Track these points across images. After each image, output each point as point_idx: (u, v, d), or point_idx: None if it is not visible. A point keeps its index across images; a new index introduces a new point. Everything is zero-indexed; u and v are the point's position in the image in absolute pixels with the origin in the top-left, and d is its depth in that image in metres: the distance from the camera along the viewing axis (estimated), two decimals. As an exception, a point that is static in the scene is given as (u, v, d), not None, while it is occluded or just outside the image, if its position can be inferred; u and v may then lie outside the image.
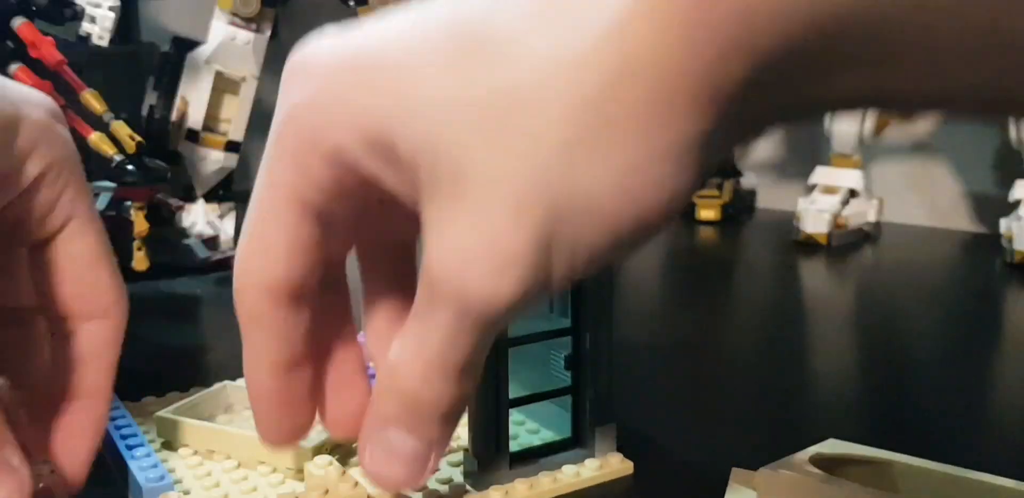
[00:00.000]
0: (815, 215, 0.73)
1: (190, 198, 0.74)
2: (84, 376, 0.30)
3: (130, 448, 0.33)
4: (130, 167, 0.57)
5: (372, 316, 0.27)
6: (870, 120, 0.74)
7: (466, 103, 0.20)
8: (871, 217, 0.77)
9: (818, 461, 0.29)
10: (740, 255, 0.77)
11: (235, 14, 0.72)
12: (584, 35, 0.19)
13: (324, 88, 0.22)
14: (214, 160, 0.74)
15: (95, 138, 0.55)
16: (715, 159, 0.21)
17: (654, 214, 0.20)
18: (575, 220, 0.20)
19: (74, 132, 0.57)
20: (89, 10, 0.60)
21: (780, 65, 0.18)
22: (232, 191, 0.77)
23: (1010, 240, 0.66)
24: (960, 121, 0.80)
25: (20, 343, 0.30)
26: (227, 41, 0.72)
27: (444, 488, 0.32)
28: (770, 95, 0.19)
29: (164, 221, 0.63)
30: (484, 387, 0.31)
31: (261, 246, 0.24)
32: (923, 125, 0.82)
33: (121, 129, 0.56)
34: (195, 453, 0.34)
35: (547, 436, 0.35)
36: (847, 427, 0.39)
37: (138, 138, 0.56)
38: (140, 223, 0.58)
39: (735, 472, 0.31)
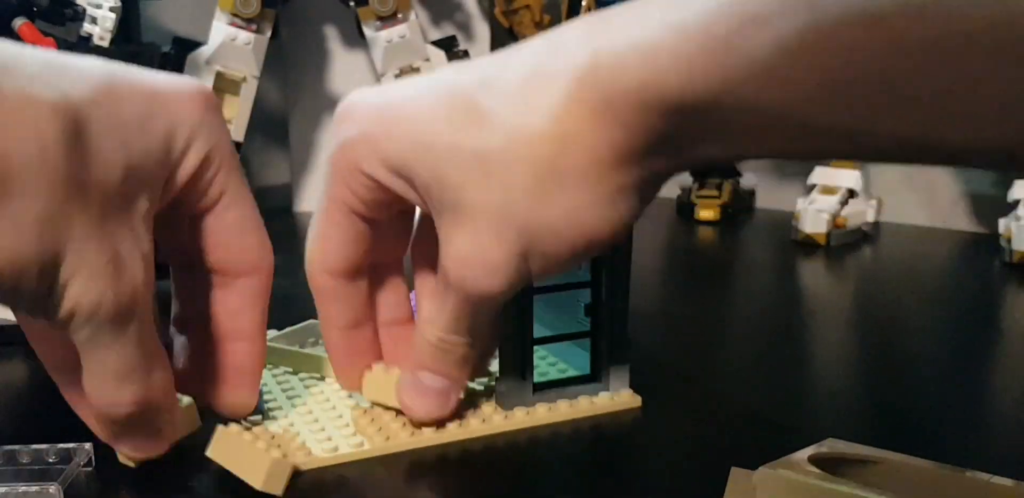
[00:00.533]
0: (814, 215, 0.73)
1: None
2: (242, 322, 0.35)
3: None
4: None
5: (418, 288, 0.38)
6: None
7: (461, 153, 0.29)
8: (870, 217, 0.78)
9: (817, 460, 0.29)
10: (739, 255, 0.77)
11: (236, 15, 0.72)
12: (541, 114, 0.28)
13: (364, 131, 0.32)
14: (215, 160, 0.74)
15: (97, 138, 0.55)
16: (647, 197, 0.30)
17: (599, 238, 0.30)
18: (542, 240, 0.29)
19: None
20: (90, 11, 0.60)
21: (664, 138, 0.27)
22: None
23: (1009, 240, 0.66)
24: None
25: (191, 287, 0.36)
26: (228, 41, 0.73)
27: (479, 408, 0.39)
28: (667, 155, 0.28)
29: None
30: (513, 327, 0.38)
31: (322, 241, 0.35)
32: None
33: (122, 129, 0.56)
34: (284, 372, 0.43)
35: (570, 372, 0.41)
36: (846, 426, 0.39)
37: (139, 138, 0.56)
38: (141, 223, 0.58)
39: (734, 471, 0.31)
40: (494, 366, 0.39)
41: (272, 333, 0.45)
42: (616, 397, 0.40)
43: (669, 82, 0.26)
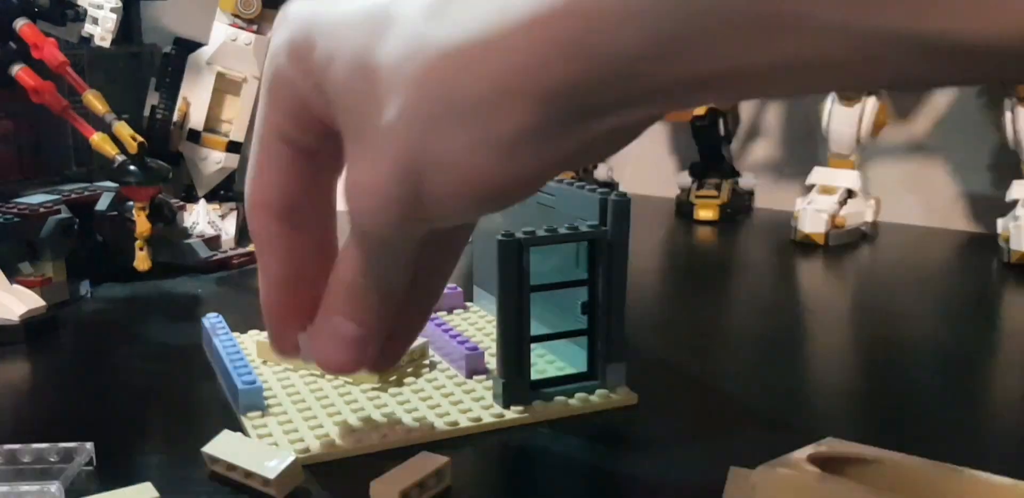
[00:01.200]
0: (813, 215, 0.73)
1: (191, 198, 0.75)
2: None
3: (232, 362, 0.41)
4: (132, 168, 0.57)
5: None
6: (867, 121, 0.74)
7: (365, 66, 0.25)
8: (868, 217, 0.78)
9: (816, 459, 0.29)
10: (738, 255, 0.77)
11: (236, 15, 0.72)
12: (448, 21, 0.23)
13: (292, 44, 0.27)
14: (215, 160, 0.74)
15: (97, 139, 0.56)
16: (554, 154, 0.25)
17: (495, 186, 0.25)
18: (433, 175, 0.25)
19: (76, 133, 0.58)
20: (91, 11, 0.60)
21: (604, 71, 0.22)
22: (233, 191, 0.77)
23: (1007, 240, 0.66)
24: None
25: None
26: (228, 42, 0.73)
27: (476, 405, 0.39)
28: (598, 93, 0.23)
29: (166, 221, 0.64)
30: (510, 324, 0.38)
31: (258, 173, 0.30)
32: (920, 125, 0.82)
33: (123, 130, 0.56)
34: (284, 369, 0.44)
35: (567, 370, 0.41)
36: (845, 426, 0.39)
37: (140, 139, 0.57)
38: (142, 223, 0.58)
39: (733, 471, 0.31)
40: (492, 364, 0.39)
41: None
42: (613, 395, 0.40)
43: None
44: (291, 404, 0.40)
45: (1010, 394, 0.44)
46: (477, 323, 0.51)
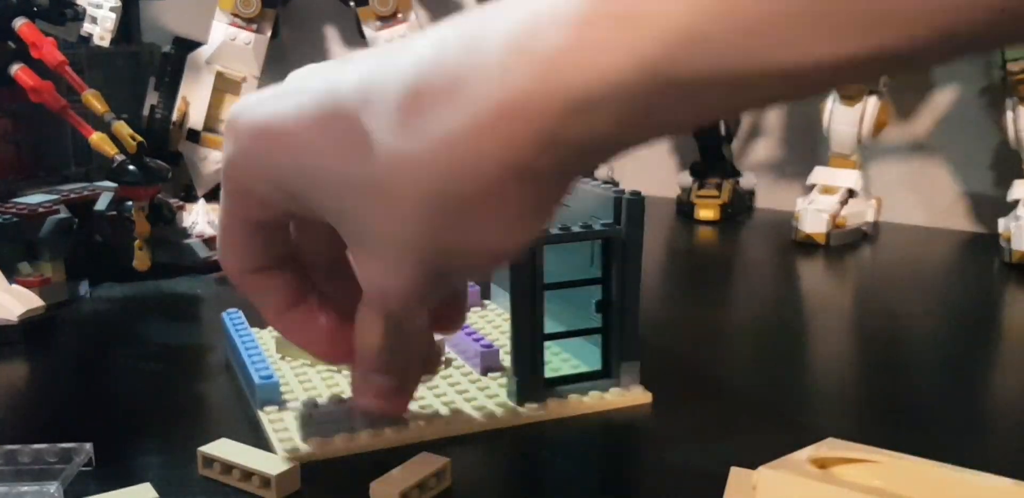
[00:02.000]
0: (814, 215, 0.73)
1: (191, 198, 0.75)
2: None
3: (250, 356, 0.42)
4: (131, 167, 0.57)
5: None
6: (868, 120, 0.74)
7: (351, 181, 0.27)
8: (869, 217, 0.78)
9: (817, 460, 0.29)
10: (739, 255, 0.77)
11: (236, 15, 0.72)
12: (420, 138, 0.25)
13: (245, 149, 0.30)
14: (215, 160, 0.74)
15: (96, 138, 0.55)
16: (555, 206, 0.27)
17: (511, 251, 0.28)
18: (451, 262, 0.28)
19: (75, 133, 0.57)
20: (90, 11, 0.60)
21: (581, 143, 0.24)
22: (233, 191, 0.77)
23: (1008, 240, 0.66)
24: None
25: None
26: (228, 42, 0.73)
27: (491, 402, 0.40)
28: (584, 162, 0.26)
29: (165, 221, 0.63)
30: (523, 322, 0.38)
31: (229, 248, 0.33)
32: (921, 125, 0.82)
33: (122, 129, 0.56)
34: (301, 364, 0.44)
35: (581, 368, 0.42)
36: (845, 426, 0.39)
37: (139, 138, 0.57)
38: (141, 223, 0.58)
39: (734, 471, 0.31)
40: (507, 361, 0.39)
41: None
42: (627, 393, 0.40)
43: (571, 79, 0.23)
44: (326, 389, 0.40)
45: (1010, 394, 0.44)
46: (494, 321, 0.51)
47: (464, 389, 0.41)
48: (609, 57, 0.22)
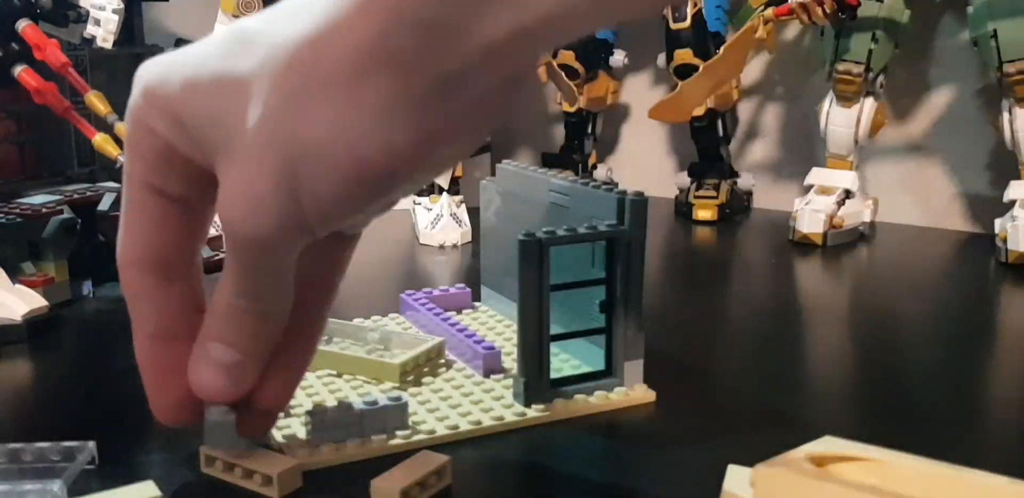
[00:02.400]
0: (811, 215, 0.73)
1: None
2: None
3: None
4: (134, 168, 0.57)
5: None
6: (865, 121, 0.75)
7: (225, 82, 0.26)
8: (866, 217, 0.78)
9: (814, 458, 0.29)
10: (736, 255, 0.78)
11: (237, 16, 0.72)
12: (304, 21, 0.24)
13: (146, 88, 0.28)
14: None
15: (99, 140, 0.56)
16: (425, 124, 0.25)
17: (372, 163, 0.25)
18: (307, 167, 0.25)
19: (79, 134, 0.58)
20: (93, 13, 0.61)
21: (435, 23, 0.23)
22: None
23: (1004, 240, 0.66)
24: (955, 121, 0.81)
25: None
26: (229, 43, 0.73)
27: (497, 404, 0.40)
28: (439, 57, 0.24)
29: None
30: (531, 324, 0.38)
31: (127, 227, 0.30)
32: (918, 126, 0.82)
33: (125, 131, 0.56)
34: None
35: (583, 368, 0.42)
36: (843, 425, 0.40)
37: (142, 139, 0.57)
38: (143, 224, 0.58)
39: (730, 469, 0.31)
40: (509, 363, 0.40)
41: None
42: (631, 392, 0.41)
43: None
44: (311, 404, 0.40)
45: (1008, 393, 0.44)
46: (487, 322, 0.51)
47: (469, 391, 0.41)
48: None
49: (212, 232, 0.70)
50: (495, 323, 0.51)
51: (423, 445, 0.36)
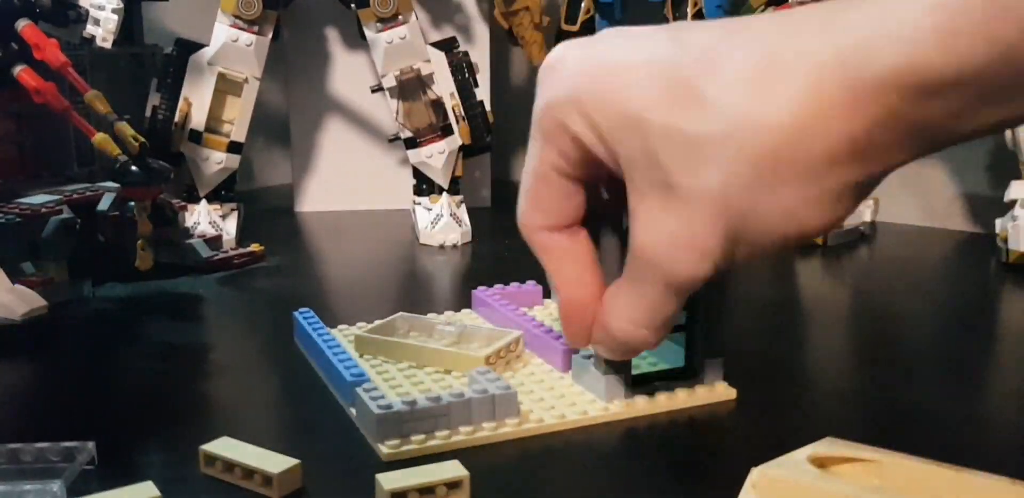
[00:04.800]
0: (812, 216, 0.73)
1: (193, 198, 0.75)
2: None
3: (336, 355, 0.42)
4: (133, 168, 0.57)
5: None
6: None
7: (676, 135, 0.28)
8: (867, 217, 0.78)
9: (815, 460, 0.29)
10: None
11: (237, 16, 0.73)
12: (775, 104, 0.27)
13: (573, 92, 0.30)
14: (216, 161, 0.74)
15: (99, 139, 0.56)
16: (866, 193, 0.29)
17: (812, 232, 0.29)
18: (754, 231, 0.29)
19: (78, 133, 0.58)
20: (93, 12, 0.61)
21: (911, 127, 0.26)
22: (234, 191, 0.77)
23: (1005, 240, 0.66)
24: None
25: None
26: (229, 43, 0.73)
27: (580, 399, 0.40)
28: (908, 146, 0.27)
29: (167, 221, 0.64)
30: None
31: (533, 199, 0.34)
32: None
33: (125, 130, 0.56)
34: (381, 362, 0.45)
35: (660, 366, 0.42)
36: (844, 423, 0.40)
37: (141, 139, 0.57)
38: (144, 223, 0.58)
39: (755, 472, 0.31)
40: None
41: (363, 326, 0.49)
42: (712, 390, 0.41)
43: (932, 61, 0.25)
44: (394, 397, 0.40)
45: (1008, 393, 0.44)
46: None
47: (551, 386, 0.42)
48: (969, 40, 0.24)
49: (212, 232, 0.71)
50: None
51: (508, 438, 0.37)
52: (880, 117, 0.26)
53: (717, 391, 0.41)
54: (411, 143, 0.79)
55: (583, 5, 0.86)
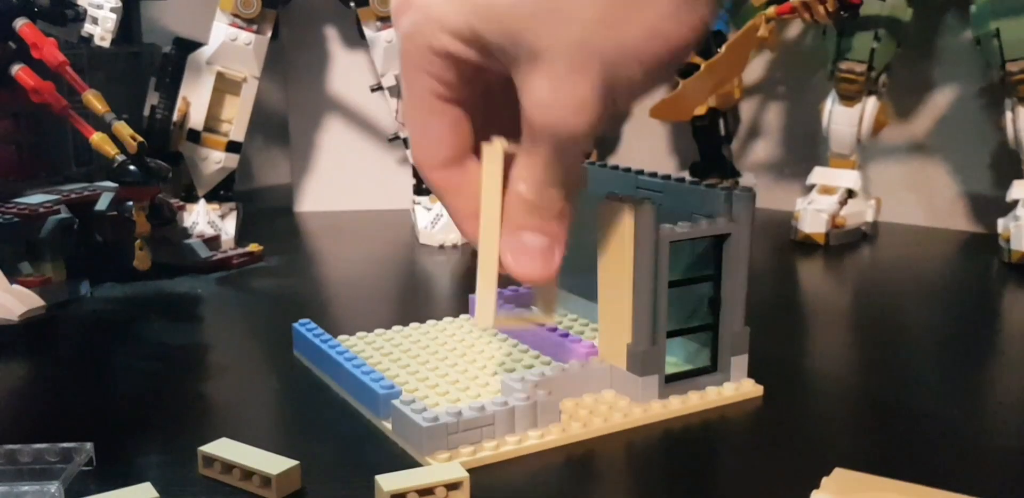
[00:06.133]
0: (813, 215, 0.73)
1: (191, 198, 0.75)
2: None
3: (357, 367, 0.41)
4: (132, 167, 0.57)
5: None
6: (868, 121, 0.74)
7: (524, 4, 0.29)
8: (869, 217, 0.78)
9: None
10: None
11: (236, 15, 0.72)
12: None
13: (424, 12, 0.31)
14: (215, 160, 0.74)
15: (97, 138, 0.55)
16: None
17: (682, 45, 0.29)
18: (625, 63, 0.29)
19: (76, 133, 0.58)
20: (91, 11, 0.60)
21: None
22: (233, 191, 0.77)
23: (1007, 240, 0.66)
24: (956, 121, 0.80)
25: None
26: (228, 42, 0.73)
27: (618, 402, 0.40)
28: None
29: (166, 221, 0.64)
30: (647, 320, 0.38)
31: (422, 135, 0.34)
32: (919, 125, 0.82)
33: (123, 129, 0.56)
34: (435, 369, 0.44)
35: (680, 365, 0.42)
36: (844, 423, 0.39)
37: (139, 138, 0.57)
38: (142, 223, 0.58)
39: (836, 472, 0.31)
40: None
41: (364, 335, 0.48)
42: (740, 386, 0.41)
43: None
44: (436, 397, 0.40)
45: (1011, 393, 0.44)
46: (562, 322, 0.50)
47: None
48: None
49: (210, 232, 0.70)
50: (570, 322, 0.50)
51: (555, 445, 0.37)
52: None
53: (745, 388, 0.41)
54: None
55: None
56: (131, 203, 0.59)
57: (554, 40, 0.29)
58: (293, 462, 0.33)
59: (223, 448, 0.34)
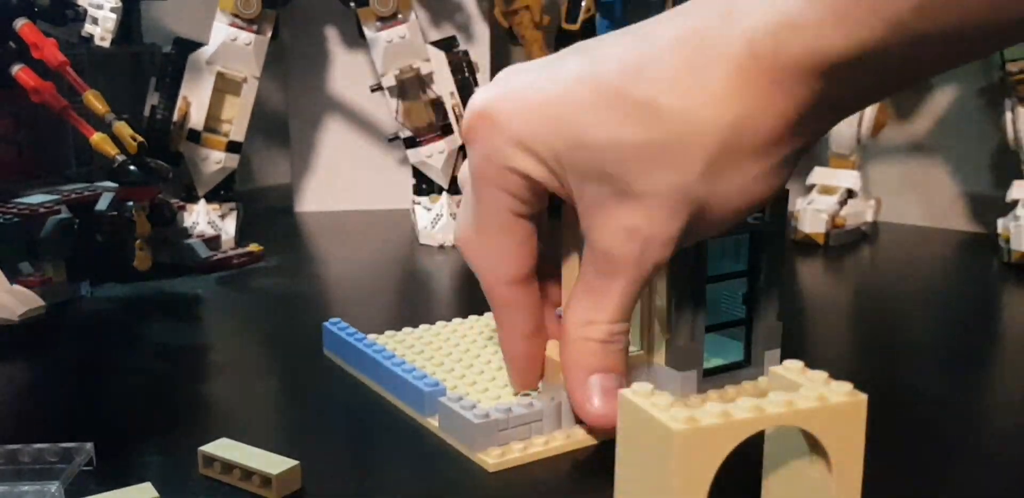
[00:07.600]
0: (813, 215, 0.73)
1: (191, 198, 0.75)
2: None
3: (397, 365, 0.41)
4: (132, 167, 0.57)
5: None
6: (868, 120, 0.74)
7: (623, 147, 0.30)
8: (869, 217, 0.78)
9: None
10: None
11: (236, 15, 0.72)
12: (707, 101, 0.30)
13: (509, 135, 0.32)
14: (215, 160, 0.74)
15: (97, 139, 0.55)
16: (801, 157, 0.32)
17: (762, 202, 0.33)
18: (712, 211, 0.32)
19: (76, 133, 0.58)
20: (91, 11, 0.60)
21: (832, 99, 0.30)
22: (233, 191, 0.77)
23: (1007, 240, 0.66)
24: (958, 120, 0.80)
25: None
26: (228, 42, 0.73)
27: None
28: (831, 114, 0.31)
29: (166, 221, 0.64)
30: (686, 315, 0.38)
31: (496, 253, 0.35)
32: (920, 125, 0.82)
33: (123, 130, 0.56)
34: (470, 366, 0.43)
35: (712, 360, 0.41)
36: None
37: (140, 139, 0.57)
38: (142, 223, 0.58)
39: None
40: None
41: (392, 334, 0.48)
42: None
43: (835, 45, 0.28)
44: (476, 394, 0.40)
45: (1011, 394, 0.44)
46: None
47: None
48: (867, 22, 0.27)
49: (210, 232, 0.70)
50: None
51: (601, 439, 0.37)
52: (805, 98, 0.29)
53: None
54: (411, 142, 0.79)
55: (584, 4, 0.85)
56: (131, 203, 0.59)
57: (653, 185, 0.31)
58: (293, 462, 0.33)
59: (223, 448, 0.34)
